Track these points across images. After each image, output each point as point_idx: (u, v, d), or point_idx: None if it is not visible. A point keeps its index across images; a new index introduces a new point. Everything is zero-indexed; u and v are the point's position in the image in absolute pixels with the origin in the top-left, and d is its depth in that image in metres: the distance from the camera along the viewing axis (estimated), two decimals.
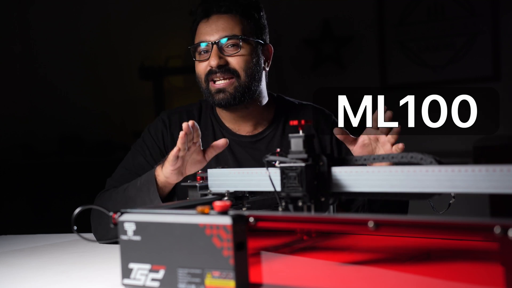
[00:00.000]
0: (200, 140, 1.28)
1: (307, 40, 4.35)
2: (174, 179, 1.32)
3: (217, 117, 1.62)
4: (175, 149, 1.25)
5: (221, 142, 1.31)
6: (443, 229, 0.73)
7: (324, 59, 4.33)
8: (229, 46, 1.50)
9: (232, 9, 1.51)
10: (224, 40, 1.49)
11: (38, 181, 4.19)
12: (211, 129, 1.61)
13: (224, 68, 1.49)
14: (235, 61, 1.50)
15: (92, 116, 4.69)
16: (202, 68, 1.52)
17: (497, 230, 0.68)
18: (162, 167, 1.33)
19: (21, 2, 4.85)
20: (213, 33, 1.50)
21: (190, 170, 1.32)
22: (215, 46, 1.49)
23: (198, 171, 1.24)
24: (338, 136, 1.33)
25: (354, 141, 1.33)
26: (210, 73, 1.50)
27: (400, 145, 1.28)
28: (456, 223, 0.71)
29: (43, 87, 4.84)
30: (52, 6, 4.77)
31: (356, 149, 1.33)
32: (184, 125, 1.23)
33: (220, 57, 1.49)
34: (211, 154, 1.31)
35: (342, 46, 4.29)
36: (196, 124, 1.25)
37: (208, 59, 1.50)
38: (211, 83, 1.51)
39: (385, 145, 1.29)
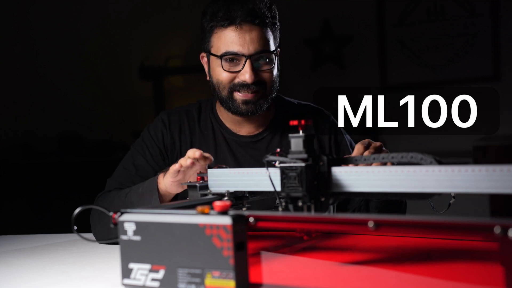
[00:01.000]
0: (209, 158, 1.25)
1: (307, 40, 4.35)
2: (174, 190, 1.33)
3: (217, 118, 1.62)
4: (177, 165, 1.24)
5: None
6: (443, 229, 0.73)
7: (324, 59, 4.34)
8: (261, 60, 1.49)
9: (264, 23, 1.48)
10: (258, 55, 1.46)
11: (38, 181, 4.19)
12: (211, 129, 1.61)
13: (255, 84, 1.48)
14: (266, 77, 1.50)
15: (92, 116, 4.69)
16: (228, 77, 1.49)
17: (497, 230, 0.68)
18: (164, 176, 1.33)
19: (21, 2, 4.85)
20: (247, 45, 1.46)
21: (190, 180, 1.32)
22: (249, 60, 1.46)
23: (198, 171, 1.24)
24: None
25: None
26: (241, 86, 1.48)
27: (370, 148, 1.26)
28: (456, 223, 0.71)
29: (43, 87, 4.84)
30: (52, 6, 4.78)
31: None
32: (197, 154, 1.21)
33: (256, 73, 1.47)
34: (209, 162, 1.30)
35: (342, 46, 4.29)
36: (211, 158, 1.23)
37: (238, 71, 1.47)
38: (236, 93, 1.50)
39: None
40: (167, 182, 1.31)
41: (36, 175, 4.24)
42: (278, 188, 0.97)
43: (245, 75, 1.46)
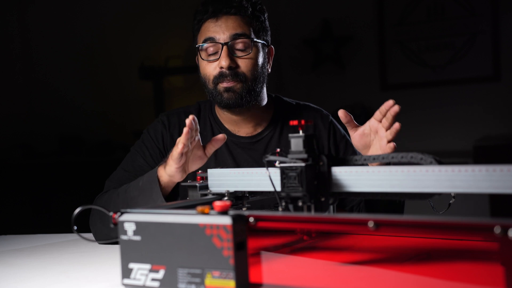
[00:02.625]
0: (199, 136, 1.29)
1: (306, 40, 4.35)
2: (178, 177, 1.32)
3: (216, 118, 1.62)
4: (179, 147, 1.25)
5: (220, 137, 1.32)
6: (443, 229, 0.73)
7: (324, 59, 4.34)
8: (239, 47, 1.50)
9: (241, 11, 1.51)
10: (234, 40, 1.48)
11: (38, 181, 4.19)
12: (210, 130, 1.61)
13: (233, 72, 1.49)
14: (244, 64, 1.50)
15: (92, 116, 4.69)
16: (210, 69, 1.51)
17: (497, 230, 0.68)
18: (164, 167, 1.33)
19: (21, 2, 4.85)
20: (223, 32, 1.49)
21: (192, 167, 1.32)
22: (225, 46, 1.48)
23: (198, 171, 1.24)
24: (342, 119, 1.34)
25: (356, 128, 1.35)
26: (221, 76, 1.49)
27: (391, 145, 1.29)
28: (456, 223, 0.72)
29: (43, 87, 4.84)
30: (52, 5, 4.78)
31: (355, 136, 1.35)
32: (188, 121, 1.24)
33: (231, 59, 1.49)
34: (210, 149, 1.32)
35: (342, 46, 4.29)
36: (195, 118, 1.26)
37: (217, 59, 1.50)
38: (219, 84, 1.50)
39: (382, 140, 1.30)
40: (172, 170, 1.30)
41: (36, 175, 4.23)
42: (278, 188, 0.97)
43: (221, 61, 1.48)
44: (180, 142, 1.25)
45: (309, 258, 0.99)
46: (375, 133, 1.32)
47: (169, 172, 1.31)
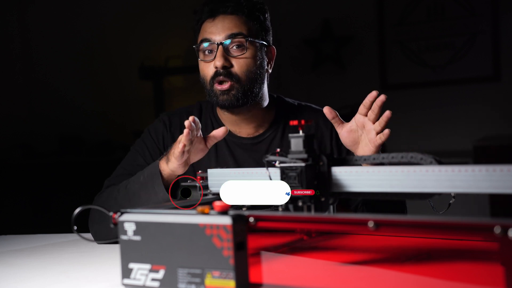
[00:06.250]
0: (201, 130, 1.32)
1: (307, 40, 4.35)
2: (181, 171, 1.35)
3: (218, 119, 1.62)
4: (180, 146, 1.27)
5: (221, 130, 1.34)
6: (443, 229, 0.73)
7: (324, 59, 4.34)
8: (235, 47, 1.50)
9: (238, 10, 1.51)
10: (229, 41, 1.49)
11: (38, 181, 4.19)
12: (211, 130, 1.60)
13: (227, 71, 1.49)
14: (238, 64, 1.50)
15: (92, 116, 4.69)
16: (207, 69, 1.52)
17: (497, 230, 0.68)
18: (166, 162, 1.35)
19: (21, 2, 4.85)
20: (218, 32, 1.49)
21: (194, 159, 1.35)
22: (220, 46, 1.48)
23: (198, 171, 1.24)
24: (327, 115, 1.34)
25: (342, 124, 1.35)
26: (216, 75, 1.49)
27: (385, 132, 1.26)
28: (456, 223, 0.72)
29: (43, 87, 4.84)
30: (52, 5, 4.77)
31: (343, 133, 1.36)
32: (187, 123, 1.25)
33: (225, 58, 1.49)
34: (211, 142, 1.36)
35: (342, 46, 4.29)
36: (196, 118, 1.28)
37: (213, 59, 1.50)
38: (216, 85, 1.51)
39: (370, 133, 1.29)
40: (174, 166, 1.33)
41: (36, 175, 4.23)
42: None
43: (216, 60, 1.49)
44: (181, 142, 1.26)
45: (309, 258, 0.99)
46: (362, 128, 1.32)
47: (171, 167, 1.34)
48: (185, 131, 1.25)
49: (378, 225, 0.76)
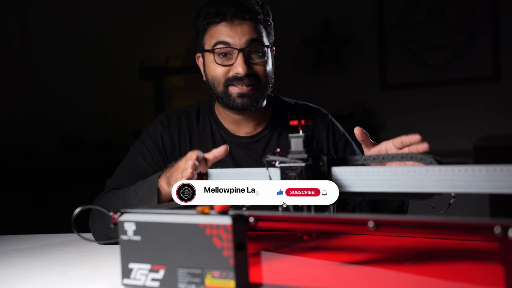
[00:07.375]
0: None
1: (307, 40, 4.36)
2: None
3: (216, 118, 1.62)
4: (186, 175, 1.22)
5: (222, 150, 1.27)
6: (443, 229, 0.73)
7: (324, 59, 4.34)
8: (254, 53, 1.50)
9: (255, 16, 1.50)
10: (249, 46, 1.47)
11: (38, 181, 4.19)
12: (210, 130, 1.61)
13: (248, 77, 1.49)
14: (259, 70, 1.50)
15: (92, 116, 4.69)
16: (221, 71, 1.50)
17: (497, 230, 0.68)
18: (167, 184, 1.32)
19: (21, 2, 4.85)
20: (239, 37, 1.47)
21: (194, 177, 1.32)
22: (241, 53, 1.47)
23: (198, 171, 1.24)
24: (358, 137, 1.31)
25: (370, 147, 1.30)
26: (235, 79, 1.49)
27: (424, 147, 1.20)
28: (456, 223, 0.71)
29: (42, 87, 4.84)
30: (52, 5, 4.78)
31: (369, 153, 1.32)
32: (194, 156, 1.21)
33: (248, 65, 1.48)
34: (212, 161, 1.29)
35: (342, 46, 4.29)
36: (200, 155, 1.23)
37: (231, 64, 1.49)
38: (231, 87, 1.50)
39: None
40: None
41: (36, 175, 4.24)
42: None
43: (238, 67, 1.47)
44: (188, 171, 1.21)
45: (309, 258, 0.99)
46: None
47: (170, 190, 1.29)
48: (189, 171, 1.20)
49: (378, 225, 0.76)
